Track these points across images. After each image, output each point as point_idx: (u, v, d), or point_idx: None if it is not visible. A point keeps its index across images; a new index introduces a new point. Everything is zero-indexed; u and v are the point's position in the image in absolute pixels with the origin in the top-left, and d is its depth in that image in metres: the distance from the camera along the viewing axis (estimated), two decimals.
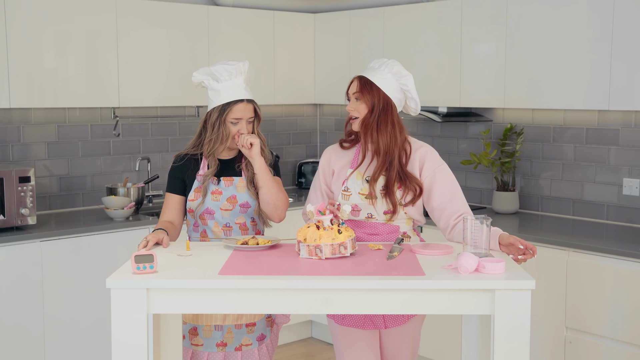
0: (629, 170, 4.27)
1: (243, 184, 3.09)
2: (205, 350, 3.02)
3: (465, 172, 5.00)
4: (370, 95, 2.97)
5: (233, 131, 3.04)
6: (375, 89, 2.97)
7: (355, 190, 3.02)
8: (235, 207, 3.07)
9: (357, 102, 3.00)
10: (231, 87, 3.04)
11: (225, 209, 3.07)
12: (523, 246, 2.70)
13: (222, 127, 3.03)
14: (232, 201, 3.07)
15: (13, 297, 3.98)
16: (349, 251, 2.72)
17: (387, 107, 2.98)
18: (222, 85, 3.04)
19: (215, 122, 3.04)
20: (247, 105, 3.05)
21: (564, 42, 4.11)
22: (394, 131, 2.98)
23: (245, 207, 3.08)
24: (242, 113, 3.03)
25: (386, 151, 2.97)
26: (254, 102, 3.10)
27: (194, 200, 3.08)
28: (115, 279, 2.47)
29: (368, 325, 2.99)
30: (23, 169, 4.11)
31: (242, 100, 3.04)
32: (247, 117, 3.05)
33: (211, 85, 3.06)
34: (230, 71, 3.05)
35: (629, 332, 3.69)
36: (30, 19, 4.19)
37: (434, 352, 4.45)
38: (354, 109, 3.01)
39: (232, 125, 3.04)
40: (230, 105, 3.03)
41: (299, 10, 5.50)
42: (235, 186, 3.09)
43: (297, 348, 5.21)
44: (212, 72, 3.06)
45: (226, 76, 3.05)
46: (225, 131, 3.03)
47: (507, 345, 2.46)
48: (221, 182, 3.08)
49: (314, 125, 5.98)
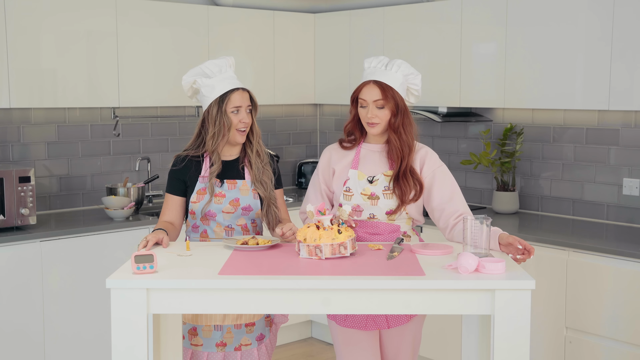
0: (629, 170, 4.27)
1: (246, 187, 3.09)
2: (204, 350, 3.02)
3: (465, 172, 5.00)
4: (394, 100, 2.97)
5: (234, 121, 3.04)
6: (395, 93, 2.97)
7: (358, 191, 3.02)
8: (237, 210, 3.07)
9: (378, 109, 2.97)
10: (224, 79, 3.06)
11: (227, 212, 3.06)
12: (522, 246, 2.71)
13: (224, 118, 3.03)
14: (235, 204, 3.07)
15: (13, 297, 3.98)
16: (349, 251, 2.72)
17: (406, 108, 3.01)
18: (215, 79, 3.06)
19: (216, 115, 3.04)
20: (243, 93, 3.06)
21: (564, 42, 4.11)
22: (415, 129, 3.03)
23: (248, 210, 3.08)
24: (240, 101, 3.04)
25: (410, 150, 3.00)
26: (249, 90, 3.11)
27: (196, 202, 3.07)
28: (115, 279, 2.47)
29: (370, 325, 2.98)
30: (23, 169, 4.11)
31: (237, 89, 3.05)
32: (246, 105, 3.06)
33: (203, 83, 3.07)
34: (219, 65, 3.08)
35: (628, 332, 3.69)
36: (30, 19, 4.19)
37: (434, 352, 4.45)
38: (375, 116, 2.98)
39: (233, 115, 3.04)
40: (228, 94, 3.03)
41: (299, 10, 5.50)
42: (238, 189, 3.08)
43: (297, 348, 5.21)
44: (201, 69, 3.08)
45: (216, 70, 3.07)
46: (227, 122, 3.03)
47: (507, 345, 2.46)
48: (224, 184, 3.07)
49: (314, 125, 5.98)
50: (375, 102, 2.97)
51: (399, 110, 2.98)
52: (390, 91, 2.96)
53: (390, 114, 2.98)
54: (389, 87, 2.96)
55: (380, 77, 2.98)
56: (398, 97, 2.98)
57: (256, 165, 3.10)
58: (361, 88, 3.01)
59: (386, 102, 2.96)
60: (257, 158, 3.11)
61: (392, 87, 2.97)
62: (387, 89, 2.96)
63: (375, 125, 2.99)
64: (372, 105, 2.97)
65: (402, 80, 3.00)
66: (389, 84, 2.96)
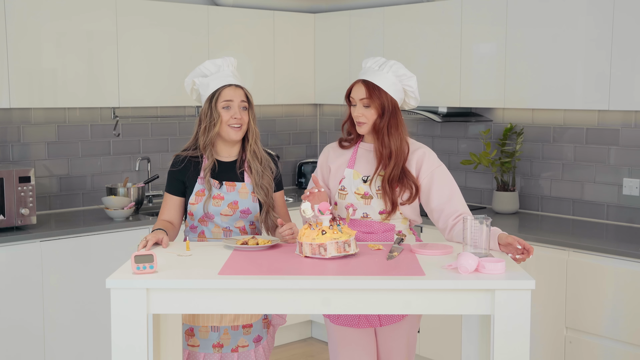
0: (629, 170, 4.27)
1: (246, 190, 3.07)
2: (201, 351, 3.01)
3: (465, 172, 5.00)
4: (379, 100, 2.96)
5: (225, 117, 3.01)
6: (382, 93, 2.97)
7: (352, 190, 3.02)
8: (235, 212, 3.05)
9: (365, 108, 2.98)
10: (219, 77, 3.05)
11: (225, 214, 3.05)
12: (521, 246, 2.71)
13: (214, 113, 3.02)
14: (233, 207, 3.05)
15: (13, 297, 3.98)
16: (353, 249, 2.71)
17: (395, 109, 2.99)
18: (211, 77, 3.06)
19: (207, 110, 3.03)
20: (236, 89, 3.04)
21: (564, 42, 4.11)
22: (402, 133, 3.00)
23: (246, 214, 3.07)
24: (231, 96, 3.02)
25: (397, 153, 2.98)
26: (244, 88, 3.08)
27: (194, 204, 3.05)
28: (115, 279, 2.47)
29: (363, 323, 2.99)
30: (23, 169, 4.12)
31: (230, 85, 3.04)
32: (239, 101, 3.03)
33: (201, 82, 3.07)
34: (217, 64, 3.08)
35: (628, 332, 3.69)
36: (30, 19, 4.19)
37: (434, 352, 4.45)
38: (361, 115, 2.98)
39: (224, 111, 3.01)
40: (219, 90, 3.03)
41: (299, 10, 5.50)
42: (237, 192, 3.07)
43: (297, 348, 5.21)
44: (200, 69, 3.09)
45: (213, 69, 3.07)
46: (216, 116, 3.01)
47: (507, 345, 2.46)
48: (223, 186, 3.06)
49: (314, 125, 5.98)
50: (361, 101, 2.98)
51: (384, 111, 2.97)
52: (377, 91, 2.96)
53: (376, 114, 2.98)
54: (376, 86, 2.96)
55: (370, 76, 2.99)
56: (385, 98, 2.96)
57: (255, 169, 3.08)
58: (351, 87, 3.03)
59: (371, 101, 2.96)
60: (255, 160, 3.08)
61: (381, 87, 2.96)
62: (374, 89, 2.96)
63: (362, 124, 3.00)
64: (359, 104, 2.99)
65: (394, 81, 2.99)
66: (378, 84, 2.97)
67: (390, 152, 2.97)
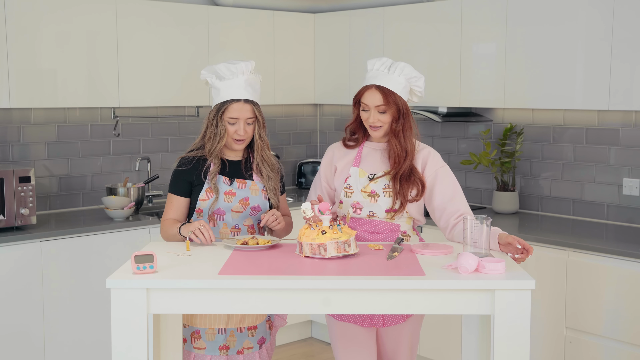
0: (629, 170, 4.27)
1: (256, 188, 3.08)
2: (208, 353, 3.00)
3: (465, 172, 5.00)
4: (396, 106, 2.96)
5: (230, 131, 3.02)
6: (397, 97, 2.96)
7: (358, 188, 3.02)
8: (246, 209, 3.06)
9: (381, 113, 2.97)
10: (230, 86, 3.02)
11: (236, 211, 3.05)
12: (521, 245, 2.71)
13: (220, 125, 3.02)
14: (245, 203, 3.06)
15: (13, 297, 3.98)
16: (353, 249, 2.71)
17: (407, 112, 3.00)
18: (223, 83, 3.03)
19: (213, 119, 3.03)
20: (244, 105, 3.01)
21: (564, 42, 4.11)
22: (414, 134, 3.02)
23: (256, 211, 3.08)
24: (238, 113, 3.00)
25: (412, 152, 2.99)
26: (254, 103, 3.05)
27: (205, 200, 3.04)
28: (115, 279, 2.47)
29: (367, 322, 2.99)
30: (23, 169, 4.11)
31: (239, 100, 3.02)
32: (245, 118, 3.01)
33: (214, 84, 3.06)
34: (232, 70, 3.03)
35: (628, 332, 3.69)
36: (30, 19, 4.19)
37: (434, 352, 4.46)
38: (377, 120, 2.97)
39: (230, 125, 3.02)
40: (227, 104, 3.01)
41: (299, 10, 5.50)
42: (248, 188, 3.07)
43: (297, 348, 5.21)
44: (215, 70, 3.05)
45: (228, 75, 3.03)
46: (222, 129, 3.01)
47: (507, 345, 2.47)
48: (234, 182, 3.06)
49: (314, 125, 5.98)
50: (377, 107, 2.96)
51: (400, 114, 2.98)
52: (392, 96, 2.95)
53: (392, 118, 2.98)
54: (391, 92, 2.95)
55: (383, 81, 2.96)
56: (400, 102, 2.97)
57: (267, 174, 3.09)
58: (363, 92, 3.00)
59: (388, 107, 2.96)
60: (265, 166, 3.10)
61: (395, 91, 2.96)
62: (389, 94, 2.95)
63: (378, 128, 3.00)
64: (374, 110, 2.97)
65: (405, 83, 2.99)
66: (391, 88, 2.95)
67: (407, 153, 2.99)
